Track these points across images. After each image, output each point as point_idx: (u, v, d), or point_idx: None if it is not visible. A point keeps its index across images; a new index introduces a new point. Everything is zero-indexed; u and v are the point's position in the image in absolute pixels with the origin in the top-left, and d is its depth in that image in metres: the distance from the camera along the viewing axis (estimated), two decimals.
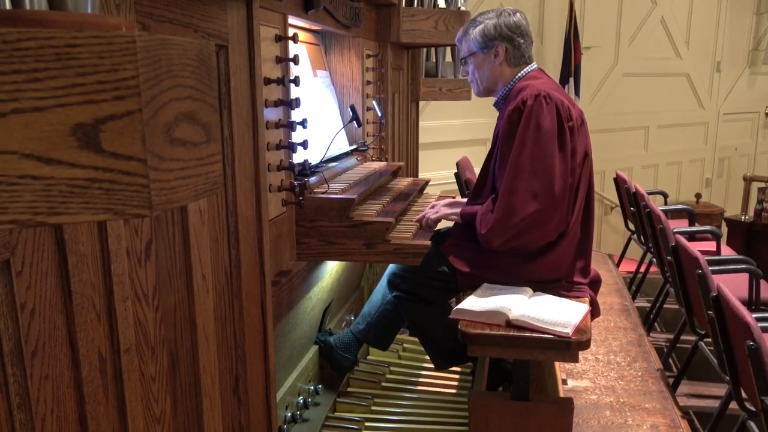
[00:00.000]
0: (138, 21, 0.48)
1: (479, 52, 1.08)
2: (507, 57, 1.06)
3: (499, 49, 1.06)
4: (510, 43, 1.06)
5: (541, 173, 0.96)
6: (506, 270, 1.04)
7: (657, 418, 1.26)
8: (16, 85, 0.23)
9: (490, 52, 1.06)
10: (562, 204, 0.98)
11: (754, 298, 1.43)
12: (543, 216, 0.97)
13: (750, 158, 3.73)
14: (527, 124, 0.97)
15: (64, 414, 0.42)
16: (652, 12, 3.03)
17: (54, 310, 0.41)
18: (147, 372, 0.50)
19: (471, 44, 1.08)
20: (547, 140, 0.96)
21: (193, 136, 0.29)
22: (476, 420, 0.97)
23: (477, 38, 1.07)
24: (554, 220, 0.98)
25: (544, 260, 1.03)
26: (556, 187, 0.97)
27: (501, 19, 1.06)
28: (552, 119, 0.97)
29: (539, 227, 0.98)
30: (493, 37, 1.05)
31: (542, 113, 0.97)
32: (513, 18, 1.06)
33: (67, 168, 0.24)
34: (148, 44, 0.25)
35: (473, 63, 1.09)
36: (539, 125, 0.97)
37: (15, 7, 0.28)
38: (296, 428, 1.05)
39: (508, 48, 1.06)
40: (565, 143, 0.98)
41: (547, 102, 0.97)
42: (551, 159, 0.96)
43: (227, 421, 0.67)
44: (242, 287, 0.68)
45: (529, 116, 0.97)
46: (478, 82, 1.11)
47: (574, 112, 1.01)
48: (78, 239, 0.42)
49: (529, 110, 0.97)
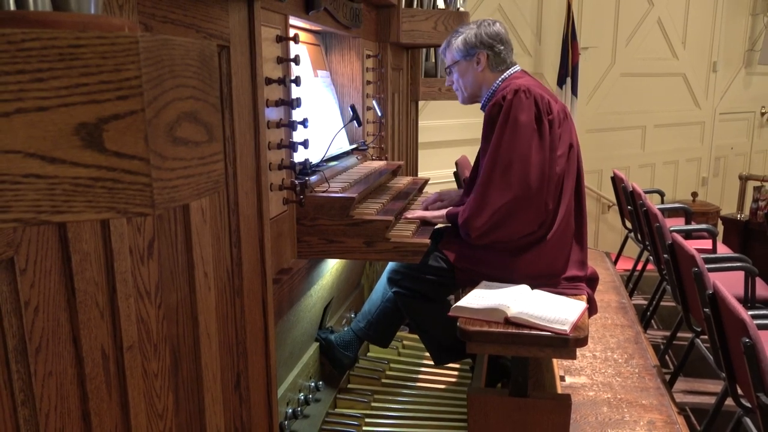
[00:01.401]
0: (141, 22, 0.48)
1: (462, 60, 1.12)
2: (489, 63, 1.11)
3: (481, 56, 1.10)
4: (491, 50, 1.10)
5: (517, 164, 0.99)
6: (502, 265, 1.05)
7: (654, 414, 1.27)
8: (20, 85, 0.24)
9: (472, 60, 1.11)
10: (539, 194, 1.00)
11: (749, 295, 1.44)
12: (517, 205, 0.99)
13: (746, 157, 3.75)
14: (506, 118, 1.00)
15: (67, 410, 0.42)
16: (649, 13, 3.04)
17: (57, 307, 0.41)
18: (149, 369, 0.50)
19: (454, 53, 1.13)
20: (524, 132, 0.99)
21: (195, 135, 0.29)
22: (475, 416, 0.97)
23: (459, 47, 1.11)
24: (531, 210, 1.01)
25: (537, 253, 1.04)
26: (532, 177, 0.99)
27: (481, 29, 1.10)
28: (530, 113, 1.00)
29: (515, 217, 1.00)
30: (474, 45, 1.10)
31: (521, 107, 1.00)
32: (492, 28, 1.11)
33: (71, 167, 0.24)
34: (150, 45, 0.25)
35: (457, 71, 1.14)
36: (516, 118, 1.00)
37: (19, 7, 0.28)
38: (297, 424, 1.05)
39: (489, 54, 1.10)
40: (544, 135, 1.00)
41: (527, 96, 1.00)
42: (527, 150, 0.99)
43: (229, 417, 0.67)
44: (244, 285, 0.68)
45: (508, 110, 1.00)
46: (462, 90, 1.15)
47: (555, 107, 1.03)
48: (81, 237, 0.42)
49: (509, 104, 1.00)
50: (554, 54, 2.74)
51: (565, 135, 1.04)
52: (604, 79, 2.99)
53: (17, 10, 0.28)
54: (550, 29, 2.74)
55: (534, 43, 2.76)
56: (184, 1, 0.55)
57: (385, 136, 1.48)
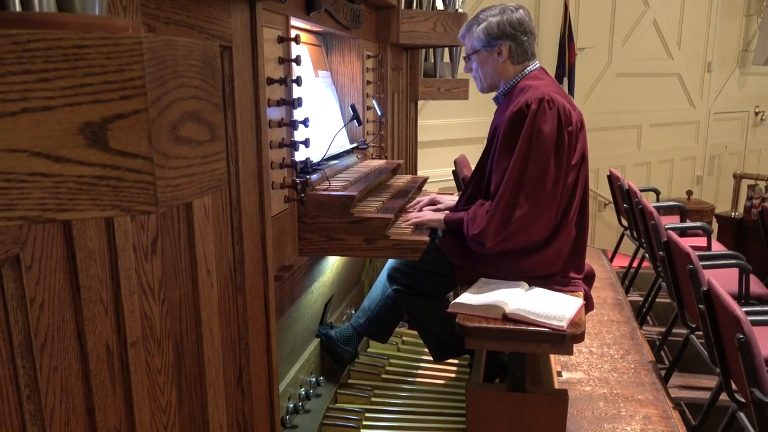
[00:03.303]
0: (144, 23, 0.49)
1: (483, 50, 1.06)
2: (510, 55, 1.05)
3: (503, 48, 1.05)
4: (513, 40, 1.05)
5: (535, 178, 0.97)
6: (503, 266, 1.05)
7: (649, 409, 1.28)
8: (26, 85, 0.24)
9: (493, 50, 1.05)
10: (551, 206, 1.00)
11: (743, 292, 1.45)
12: (531, 218, 0.99)
13: (740, 156, 3.78)
14: (529, 130, 0.98)
15: (72, 405, 0.42)
16: (645, 14, 3.05)
17: (62, 304, 0.41)
18: (153, 364, 0.51)
19: (474, 42, 1.07)
20: (546, 146, 0.97)
21: (198, 134, 0.29)
22: (473, 411, 0.98)
23: (480, 36, 1.06)
24: (543, 221, 1.00)
25: (540, 257, 1.04)
26: (545, 195, 0.98)
27: (504, 16, 1.04)
28: (552, 125, 0.98)
29: (528, 229, 0.99)
30: (497, 35, 1.04)
31: (544, 118, 0.97)
32: (516, 15, 1.05)
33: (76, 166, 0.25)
34: (154, 45, 0.25)
35: (477, 60, 1.08)
36: (540, 131, 0.97)
37: (25, 9, 0.28)
38: (298, 419, 1.06)
39: (511, 46, 1.05)
40: (563, 149, 0.99)
41: (550, 107, 0.98)
42: (546, 164, 0.97)
43: (231, 411, 0.67)
44: (246, 282, 0.68)
45: (532, 121, 0.98)
46: (481, 79, 1.10)
47: (574, 116, 1.01)
48: (86, 235, 0.43)
49: (533, 115, 0.98)
50: (551, 54, 2.75)
51: (579, 145, 1.02)
52: (600, 79, 3.00)
53: (23, 11, 0.28)
54: (548, 30, 2.75)
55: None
56: (187, 3, 0.55)
57: (385, 135, 1.48)
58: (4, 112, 0.24)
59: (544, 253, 1.04)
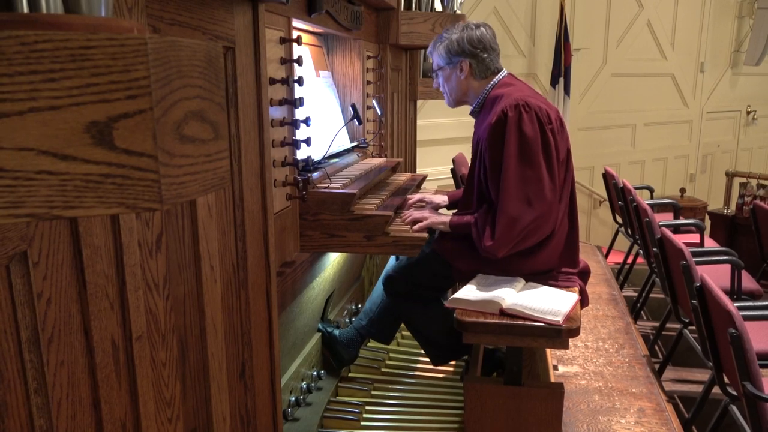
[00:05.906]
0: (149, 24, 0.49)
1: (446, 67, 1.09)
2: (472, 71, 1.08)
3: (463, 65, 1.07)
4: (473, 58, 1.07)
5: (533, 181, 0.98)
6: (503, 266, 1.06)
7: (643, 402, 1.30)
8: (33, 85, 0.24)
9: (456, 67, 1.08)
10: (554, 202, 1.01)
11: (735, 287, 1.47)
12: (541, 221, 1.00)
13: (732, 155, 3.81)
14: (511, 137, 0.99)
15: (78, 398, 0.43)
16: (639, 15, 3.07)
17: (69, 299, 0.41)
18: (158, 358, 0.51)
19: (438, 59, 1.10)
20: (533, 147, 0.98)
21: (202, 133, 0.29)
22: (471, 404, 0.99)
23: (442, 53, 1.09)
24: (551, 219, 1.01)
25: (539, 255, 1.05)
26: (547, 192, 0.99)
27: (465, 33, 1.06)
28: (534, 126, 0.99)
29: (538, 230, 1.01)
30: (456, 52, 1.07)
31: (524, 122, 0.98)
32: (476, 33, 1.06)
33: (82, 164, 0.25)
34: (158, 46, 0.26)
35: (442, 76, 1.11)
36: (524, 134, 0.98)
37: (32, 10, 0.29)
38: (300, 412, 1.07)
39: (472, 63, 1.07)
40: (550, 148, 1.00)
41: (527, 110, 0.99)
42: (539, 166, 0.98)
43: (234, 405, 0.68)
44: (248, 277, 0.69)
45: (512, 128, 0.99)
46: (448, 94, 1.13)
47: (552, 115, 1.03)
48: (92, 232, 0.43)
49: (513, 121, 0.99)
50: (547, 55, 2.76)
51: (562, 142, 1.04)
52: (595, 80, 3.02)
53: (30, 12, 0.29)
54: (544, 31, 2.76)
55: (528, 45, 2.78)
56: (191, 4, 0.55)
57: (385, 134, 1.49)
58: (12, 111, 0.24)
59: (543, 250, 1.06)
